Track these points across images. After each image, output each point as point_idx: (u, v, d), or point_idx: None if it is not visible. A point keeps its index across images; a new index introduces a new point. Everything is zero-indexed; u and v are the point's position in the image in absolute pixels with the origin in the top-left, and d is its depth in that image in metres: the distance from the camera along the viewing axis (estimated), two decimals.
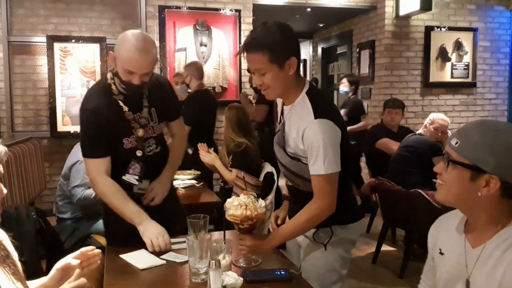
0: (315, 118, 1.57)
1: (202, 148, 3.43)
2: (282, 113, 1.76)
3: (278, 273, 1.57)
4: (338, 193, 1.64)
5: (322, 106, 1.63)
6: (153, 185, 1.99)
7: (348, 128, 4.59)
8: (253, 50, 1.56)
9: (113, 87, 1.85)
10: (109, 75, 1.88)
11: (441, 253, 1.29)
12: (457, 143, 1.15)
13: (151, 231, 1.76)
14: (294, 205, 1.79)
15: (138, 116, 1.89)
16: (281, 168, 1.78)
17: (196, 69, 4.18)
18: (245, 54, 1.60)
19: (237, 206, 1.66)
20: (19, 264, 1.12)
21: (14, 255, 1.13)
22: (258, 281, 1.52)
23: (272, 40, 1.55)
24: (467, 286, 1.19)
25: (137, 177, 1.93)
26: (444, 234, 1.30)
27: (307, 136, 1.57)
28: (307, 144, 1.58)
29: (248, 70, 4.14)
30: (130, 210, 1.81)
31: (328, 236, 1.70)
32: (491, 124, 1.17)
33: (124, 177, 1.91)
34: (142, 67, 1.75)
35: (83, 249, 1.36)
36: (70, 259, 1.31)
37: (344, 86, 5.18)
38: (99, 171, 1.84)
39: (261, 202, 1.71)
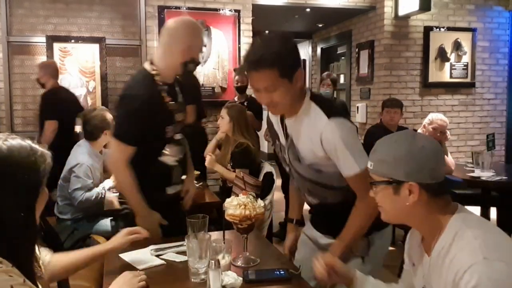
0: (329, 118, 1.52)
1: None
2: (284, 128, 1.69)
3: (278, 272, 1.58)
4: None
5: (331, 106, 1.60)
6: (188, 187, 2.17)
7: None
8: (262, 67, 1.47)
9: (157, 77, 1.93)
10: (149, 66, 1.96)
11: (414, 265, 1.31)
12: (371, 165, 1.23)
13: (144, 222, 1.87)
14: (320, 219, 1.79)
15: (177, 105, 2.02)
16: (305, 184, 1.71)
17: (53, 69, 4.25)
18: (248, 73, 1.53)
19: (236, 206, 1.66)
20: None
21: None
22: (257, 280, 1.53)
23: (280, 54, 1.48)
24: None
25: (176, 159, 2.04)
26: (413, 245, 1.33)
27: (326, 139, 1.52)
28: (329, 148, 1.53)
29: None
30: (139, 201, 1.91)
31: (366, 247, 1.67)
32: (390, 138, 1.25)
33: (161, 158, 2.00)
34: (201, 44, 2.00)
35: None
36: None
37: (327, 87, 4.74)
38: (126, 158, 1.90)
39: (260, 202, 1.71)
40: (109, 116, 3.14)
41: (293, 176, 1.76)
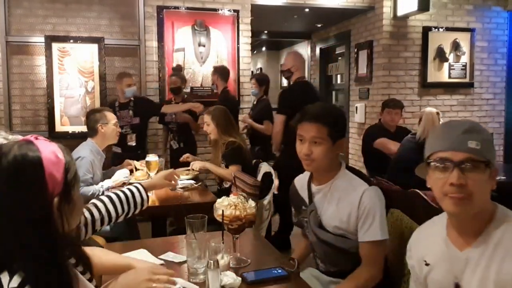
0: (370, 185, 1.68)
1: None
2: (311, 195, 1.81)
3: (275, 271, 1.58)
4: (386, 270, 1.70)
5: (366, 176, 1.76)
6: None
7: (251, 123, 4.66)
8: (317, 121, 1.69)
9: None
10: None
11: (427, 264, 1.25)
12: (478, 144, 1.12)
13: None
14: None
15: None
16: (322, 248, 1.78)
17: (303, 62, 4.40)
18: (302, 123, 1.72)
19: (226, 206, 1.66)
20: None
21: None
22: (257, 282, 1.53)
23: (335, 117, 1.73)
24: None
25: None
26: (427, 243, 1.27)
27: (364, 202, 1.64)
28: (363, 210, 1.64)
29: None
30: None
31: None
32: (475, 122, 1.22)
33: None
34: None
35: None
36: None
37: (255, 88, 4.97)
38: None
39: (251, 203, 1.71)
40: (107, 112, 3.20)
41: (312, 240, 1.83)
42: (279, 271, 1.58)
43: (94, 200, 1.57)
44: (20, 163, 0.87)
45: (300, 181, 1.92)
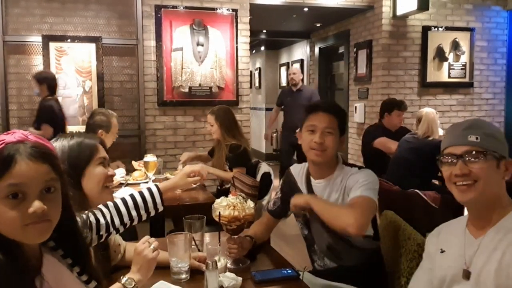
0: (359, 169, 1.74)
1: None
2: (310, 188, 1.83)
3: (285, 271, 1.57)
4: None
5: (362, 167, 1.82)
6: None
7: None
8: (332, 112, 1.77)
9: None
10: None
11: (442, 251, 1.32)
12: (477, 138, 1.24)
13: None
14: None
15: None
16: (326, 240, 1.78)
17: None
18: (316, 112, 1.77)
19: (225, 206, 1.65)
20: None
21: None
22: (267, 281, 1.51)
23: (343, 112, 1.85)
24: (467, 277, 1.22)
25: None
26: (445, 234, 1.35)
27: (350, 180, 1.70)
28: (352, 182, 1.68)
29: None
30: None
31: None
32: (480, 119, 1.37)
33: None
34: None
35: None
36: None
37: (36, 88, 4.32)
38: None
39: (250, 203, 1.70)
40: (113, 120, 3.12)
41: (314, 233, 1.82)
42: (289, 271, 1.57)
43: (100, 206, 1.49)
44: None
45: (298, 174, 1.92)
